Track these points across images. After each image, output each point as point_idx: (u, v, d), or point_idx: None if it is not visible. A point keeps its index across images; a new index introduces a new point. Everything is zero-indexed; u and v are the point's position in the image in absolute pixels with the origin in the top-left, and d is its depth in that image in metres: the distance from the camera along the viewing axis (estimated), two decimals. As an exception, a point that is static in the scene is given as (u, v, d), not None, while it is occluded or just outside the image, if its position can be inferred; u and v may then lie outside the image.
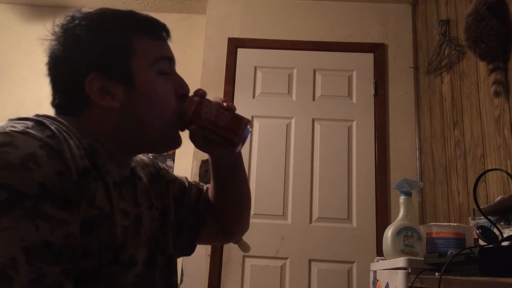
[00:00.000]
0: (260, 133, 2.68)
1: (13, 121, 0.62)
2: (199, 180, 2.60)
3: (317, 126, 2.68)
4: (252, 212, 2.74)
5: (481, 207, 1.35)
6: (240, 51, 2.80)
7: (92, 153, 0.66)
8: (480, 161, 1.81)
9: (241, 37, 2.82)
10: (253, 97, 2.74)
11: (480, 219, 1.53)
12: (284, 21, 2.85)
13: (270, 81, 2.76)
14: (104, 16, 0.74)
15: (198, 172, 2.60)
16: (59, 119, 0.68)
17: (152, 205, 0.79)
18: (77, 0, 3.06)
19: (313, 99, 2.73)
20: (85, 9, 0.74)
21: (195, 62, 2.94)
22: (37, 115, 0.66)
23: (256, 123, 2.70)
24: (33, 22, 3.11)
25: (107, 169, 0.69)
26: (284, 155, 2.64)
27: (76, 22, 0.72)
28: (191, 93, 0.79)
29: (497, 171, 1.63)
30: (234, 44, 2.80)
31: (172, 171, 2.82)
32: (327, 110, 2.70)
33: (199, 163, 2.60)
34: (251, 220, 2.86)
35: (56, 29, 0.73)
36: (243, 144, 0.78)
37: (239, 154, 0.89)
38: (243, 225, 1.00)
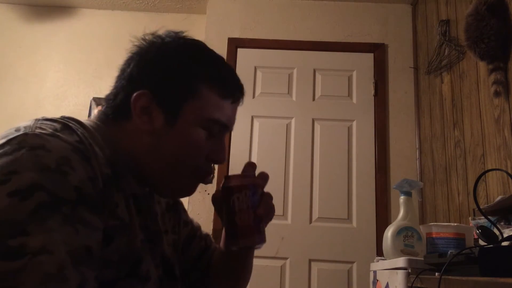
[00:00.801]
0: (260, 133, 2.68)
1: (39, 121, 0.62)
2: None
3: (317, 126, 2.68)
4: (252, 212, 2.72)
5: (481, 207, 1.35)
6: (240, 51, 2.80)
7: (113, 163, 0.66)
8: (480, 161, 1.81)
9: (241, 37, 2.82)
10: (253, 97, 2.74)
11: (480, 219, 1.53)
12: (284, 21, 2.85)
13: (270, 81, 2.76)
14: (194, 48, 0.74)
15: (198, 172, 2.60)
16: (85, 124, 0.67)
17: (167, 231, 0.79)
18: (77, 0, 3.06)
19: (313, 99, 2.73)
20: (182, 34, 0.74)
21: (195, 62, 2.94)
22: (63, 117, 0.65)
23: (256, 123, 2.70)
24: (33, 22, 3.11)
25: (128, 180, 0.68)
26: (284, 155, 2.64)
27: (167, 40, 0.73)
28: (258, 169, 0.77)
29: (497, 171, 1.63)
30: (234, 44, 2.80)
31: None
32: (327, 110, 2.70)
33: (199, 163, 2.60)
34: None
35: (149, 37, 0.73)
36: (240, 250, 0.76)
37: (247, 255, 0.87)
38: None
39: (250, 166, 0.78)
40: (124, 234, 0.63)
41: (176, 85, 0.70)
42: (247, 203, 0.71)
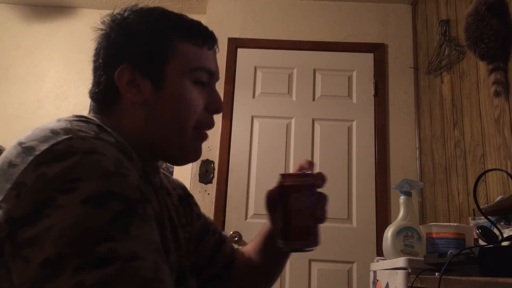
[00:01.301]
0: (260, 133, 2.67)
1: (72, 122, 0.61)
2: (199, 180, 2.60)
3: (317, 126, 2.68)
4: (252, 212, 2.75)
5: (481, 207, 1.35)
6: (240, 51, 2.80)
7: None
8: (480, 161, 1.81)
9: (241, 37, 2.82)
10: (253, 97, 2.74)
11: (480, 219, 1.53)
12: (284, 21, 2.85)
13: (270, 81, 2.76)
14: (154, 13, 0.75)
15: (198, 172, 2.60)
16: (96, 121, 0.67)
17: (183, 224, 0.79)
18: (77, 0, 3.06)
19: (313, 99, 2.73)
20: (140, 5, 0.75)
21: (195, 62, 2.94)
22: (77, 116, 0.65)
23: (256, 123, 2.69)
24: (33, 22, 3.11)
25: (148, 173, 0.69)
26: (284, 155, 2.64)
27: (126, 14, 0.74)
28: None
29: (497, 171, 1.63)
30: (234, 44, 2.80)
31: (172, 171, 2.83)
32: (327, 110, 2.70)
33: (199, 163, 2.60)
34: (252, 220, 2.86)
35: (106, 19, 0.74)
36: (291, 251, 0.74)
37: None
38: None
39: (308, 165, 0.77)
40: (160, 226, 0.64)
41: (151, 50, 0.71)
42: (305, 204, 0.69)
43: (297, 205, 0.69)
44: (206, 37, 0.76)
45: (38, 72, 3.03)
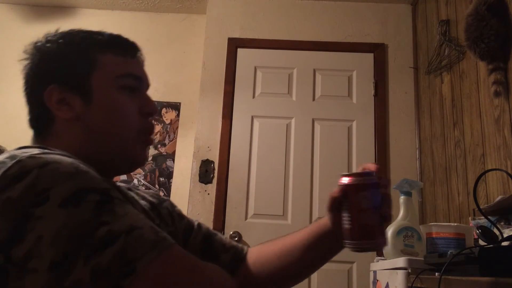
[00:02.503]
0: (260, 133, 2.67)
1: (14, 151, 0.61)
2: (199, 180, 2.60)
3: (317, 126, 2.68)
4: (252, 212, 2.75)
5: (481, 207, 1.35)
6: (240, 51, 2.80)
7: None
8: (480, 161, 1.81)
9: (241, 37, 2.82)
10: (253, 97, 2.74)
11: (480, 219, 1.53)
12: (284, 21, 2.85)
13: (270, 81, 2.76)
14: (72, 33, 0.77)
15: (198, 172, 2.60)
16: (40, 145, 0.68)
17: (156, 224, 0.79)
18: (77, 0, 3.06)
19: (313, 99, 2.73)
20: (60, 30, 0.78)
21: (195, 62, 2.94)
22: (21, 147, 0.66)
23: (256, 123, 2.69)
24: (33, 22, 3.11)
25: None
26: (284, 155, 2.64)
27: (47, 39, 0.76)
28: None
29: (497, 171, 1.63)
30: (234, 44, 2.80)
31: (172, 171, 2.84)
32: (327, 110, 2.70)
33: (199, 163, 2.60)
34: (252, 220, 2.86)
35: (28, 48, 0.76)
36: (354, 250, 0.72)
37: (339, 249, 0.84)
38: None
39: (372, 165, 0.75)
40: None
41: (73, 65, 0.73)
42: (373, 202, 0.68)
43: (366, 203, 0.67)
44: (127, 47, 0.78)
45: (38, 72, 3.03)
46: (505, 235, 1.05)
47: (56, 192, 0.53)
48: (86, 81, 0.72)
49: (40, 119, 0.73)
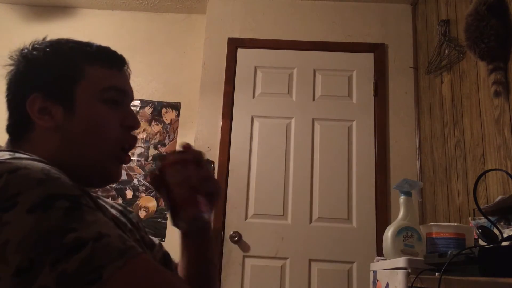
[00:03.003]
0: (260, 133, 2.68)
1: None
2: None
3: (317, 126, 2.68)
4: (252, 212, 2.75)
5: (481, 207, 1.35)
6: (240, 51, 2.80)
7: None
8: (480, 161, 1.81)
9: (241, 37, 2.82)
10: (253, 97, 2.74)
11: (480, 219, 1.53)
12: (284, 21, 2.85)
13: (270, 81, 2.76)
14: (60, 43, 0.77)
15: (198, 172, 2.60)
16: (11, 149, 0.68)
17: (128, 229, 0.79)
18: (77, 0, 3.06)
19: (313, 99, 2.73)
20: (47, 39, 0.78)
21: (195, 62, 2.94)
22: None
23: (256, 123, 2.70)
24: (33, 22, 3.11)
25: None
26: (284, 155, 2.64)
27: (34, 47, 0.75)
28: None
29: (497, 171, 1.63)
30: (234, 44, 2.80)
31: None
32: (327, 110, 2.70)
33: (199, 163, 2.60)
34: (252, 220, 2.86)
35: (14, 55, 0.76)
36: (186, 225, 0.75)
37: (201, 234, 0.83)
38: None
39: (184, 145, 0.79)
40: None
41: (58, 75, 0.73)
42: (180, 177, 0.73)
43: (173, 179, 0.73)
44: (114, 59, 0.78)
45: (38, 72, 3.03)
46: (505, 235, 1.05)
47: (25, 198, 0.53)
48: (70, 92, 0.72)
49: (19, 126, 0.73)
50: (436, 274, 1.16)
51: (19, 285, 0.50)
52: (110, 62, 0.77)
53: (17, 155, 0.61)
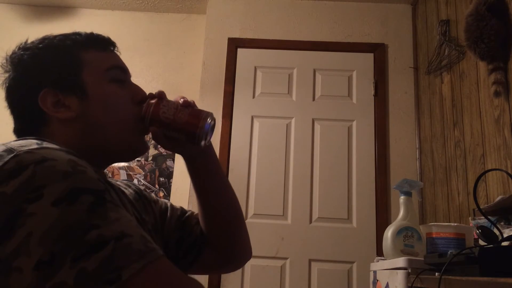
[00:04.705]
0: (260, 133, 2.68)
1: (10, 143, 0.61)
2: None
3: (317, 126, 2.68)
4: (252, 212, 2.74)
5: (481, 207, 1.35)
6: (240, 51, 2.80)
7: None
8: (480, 161, 1.81)
9: (241, 37, 2.82)
10: (253, 97, 2.74)
11: (480, 219, 1.53)
12: (284, 21, 2.85)
13: (270, 81, 2.76)
14: (49, 37, 0.78)
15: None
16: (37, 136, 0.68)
17: (143, 218, 0.81)
18: (77, 0, 3.06)
19: (313, 99, 2.73)
20: (29, 40, 0.79)
21: (195, 62, 2.94)
22: (19, 138, 0.66)
23: (256, 123, 2.70)
24: (33, 22, 3.11)
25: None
26: (284, 155, 2.64)
27: (21, 51, 0.76)
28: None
29: (497, 171, 1.63)
30: (234, 44, 2.80)
31: (172, 171, 2.84)
32: (327, 110, 2.70)
33: (199, 163, 2.60)
34: (252, 220, 2.86)
35: (4, 62, 0.76)
36: (206, 137, 0.79)
37: (212, 153, 0.89)
38: (241, 245, 0.94)
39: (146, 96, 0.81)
40: None
41: (62, 67, 0.74)
42: (172, 106, 0.77)
43: (169, 115, 0.76)
44: (104, 42, 0.80)
45: (38, 72, 3.03)
46: (505, 235, 1.05)
47: (50, 190, 0.53)
48: (78, 80, 0.74)
49: (32, 125, 0.73)
50: (436, 274, 1.16)
51: (38, 278, 0.50)
52: (102, 45, 0.79)
53: (45, 144, 0.61)
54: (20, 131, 0.75)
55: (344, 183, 2.57)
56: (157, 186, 2.83)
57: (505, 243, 1.02)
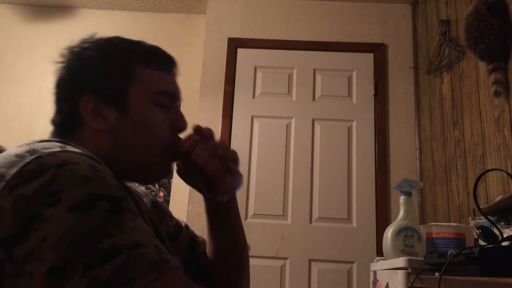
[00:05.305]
0: (260, 133, 2.67)
1: (34, 144, 0.61)
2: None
3: (317, 126, 2.68)
4: (252, 212, 2.74)
5: (481, 207, 1.35)
6: (240, 51, 2.80)
7: None
8: (480, 161, 1.81)
9: (241, 37, 2.82)
10: (253, 97, 2.74)
11: (480, 219, 1.53)
12: (284, 21, 2.85)
13: (270, 81, 2.76)
14: (112, 42, 0.77)
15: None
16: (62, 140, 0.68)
17: (157, 227, 0.80)
18: (77, 0, 3.06)
19: (313, 99, 2.72)
20: (98, 36, 0.77)
21: (195, 62, 2.94)
22: (42, 140, 0.66)
23: (256, 123, 2.69)
24: (33, 22, 3.11)
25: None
26: (284, 155, 2.64)
27: (85, 45, 0.75)
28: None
29: (497, 171, 1.63)
30: (234, 44, 2.80)
31: (172, 171, 2.83)
32: (327, 110, 2.70)
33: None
34: (252, 220, 2.86)
35: (65, 52, 0.75)
36: (226, 195, 0.76)
37: (230, 206, 0.85)
38: (238, 285, 0.90)
39: (194, 127, 0.80)
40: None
41: (113, 77, 0.73)
42: (207, 152, 0.74)
43: (201, 158, 0.74)
44: (165, 61, 0.78)
45: (38, 72, 3.03)
46: (505, 235, 1.05)
47: (68, 195, 0.53)
48: (124, 95, 0.72)
49: (69, 123, 0.73)
50: (436, 274, 1.16)
51: (50, 284, 0.49)
52: (161, 64, 0.77)
53: (68, 147, 0.61)
54: (56, 124, 0.74)
55: (344, 183, 2.57)
56: (157, 186, 2.83)
57: (505, 243, 1.02)
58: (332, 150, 2.62)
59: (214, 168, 0.74)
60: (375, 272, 1.73)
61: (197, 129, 0.78)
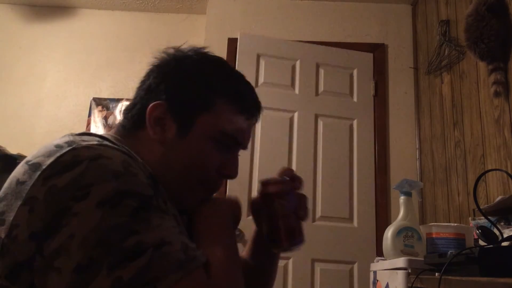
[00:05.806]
0: (263, 126, 2.62)
1: (74, 136, 0.62)
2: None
3: (320, 122, 2.66)
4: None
5: (481, 207, 1.35)
6: (242, 38, 2.71)
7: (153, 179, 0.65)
8: (480, 161, 1.81)
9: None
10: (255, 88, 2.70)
11: (480, 219, 1.53)
12: (284, 21, 2.85)
13: (273, 72, 2.69)
14: (213, 62, 0.75)
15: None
16: (106, 137, 0.68)
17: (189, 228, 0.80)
18: (77, 0, 3.06)
19: (316, 94, 2.70)
20: (204, 50, 0.76)
21: (195, 62, 2.94)
22: (84, 133, 0.67)
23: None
24: (33, 22, 3.11)
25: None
26: (287, 150, 2.60)
27: (188, 54, 0.74)
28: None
29: (497, 171, 1.63)
30: (234, 44, 2.79)
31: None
32: (329, 107, 2.68)
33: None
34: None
35: (171, 51, 0.75)
36: (281, 251, 0.78)
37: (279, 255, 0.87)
38: None
39: (287, 170, 0.79)
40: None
41: (192, 98, 0.71)
42: (289, 208, 0.73)
43: (282, 210, 0.73)
44: (249, 106, 0.75)
45: (38, 72, 3.03)
46: (505, 235, 1.05)
47: (98, 189, 0.53)
48: (192, 118, 0.70)
49: (134, 120, 0.72)
50: (436, 274, 1.16)
51: (77, 281, 0.50)
52: (243, 107, 0.74)
53: (105, 142, 0.61)
54: (124, 113, 0.74)
55: (345, 182, 2.56)
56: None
57: (505, 243, 1.02)
58: (334, 148, 2.61)
59: (289, 225, 0.73)
60: (375, 272, 1.73)
61: (291, 176, 0.77)
